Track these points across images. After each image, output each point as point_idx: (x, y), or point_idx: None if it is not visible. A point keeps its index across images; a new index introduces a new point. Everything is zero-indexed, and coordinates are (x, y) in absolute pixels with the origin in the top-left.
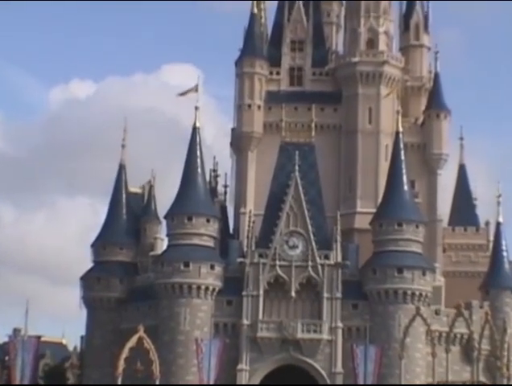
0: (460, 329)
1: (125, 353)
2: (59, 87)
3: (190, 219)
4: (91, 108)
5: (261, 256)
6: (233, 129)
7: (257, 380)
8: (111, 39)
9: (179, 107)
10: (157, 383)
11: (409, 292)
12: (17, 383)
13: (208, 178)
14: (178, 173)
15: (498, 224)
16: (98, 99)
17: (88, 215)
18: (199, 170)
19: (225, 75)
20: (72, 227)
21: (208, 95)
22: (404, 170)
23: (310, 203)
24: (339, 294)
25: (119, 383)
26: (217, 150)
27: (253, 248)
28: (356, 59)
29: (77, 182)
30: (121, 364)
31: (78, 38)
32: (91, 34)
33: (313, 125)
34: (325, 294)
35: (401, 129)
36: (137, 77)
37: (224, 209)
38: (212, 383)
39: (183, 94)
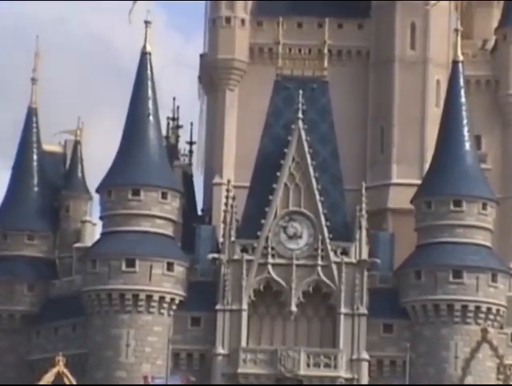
0: None
1: None
2: None
3: (136, 193)
4: None
5: (245, 250)
6: (202, 56)
7: None
8: None
9: (114, 19)
10: None
11: (471, 306)
12: None
13: (164, 132)
14: (118, 122)
15: None
16: None
17: None
18: (151, 118)
19: None
20: None
21: (157, 4)
22: (466, 121)
23: (321, 169)
24: (363, 309)
25: None
26: (177, 89)
27: (234, 237)
28: None
29: None
30: None
31: None
32: None
33: (326, 50)
34: (343, 309)
35: (461, 58)
36: None
37: (188, 178)
38: None
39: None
